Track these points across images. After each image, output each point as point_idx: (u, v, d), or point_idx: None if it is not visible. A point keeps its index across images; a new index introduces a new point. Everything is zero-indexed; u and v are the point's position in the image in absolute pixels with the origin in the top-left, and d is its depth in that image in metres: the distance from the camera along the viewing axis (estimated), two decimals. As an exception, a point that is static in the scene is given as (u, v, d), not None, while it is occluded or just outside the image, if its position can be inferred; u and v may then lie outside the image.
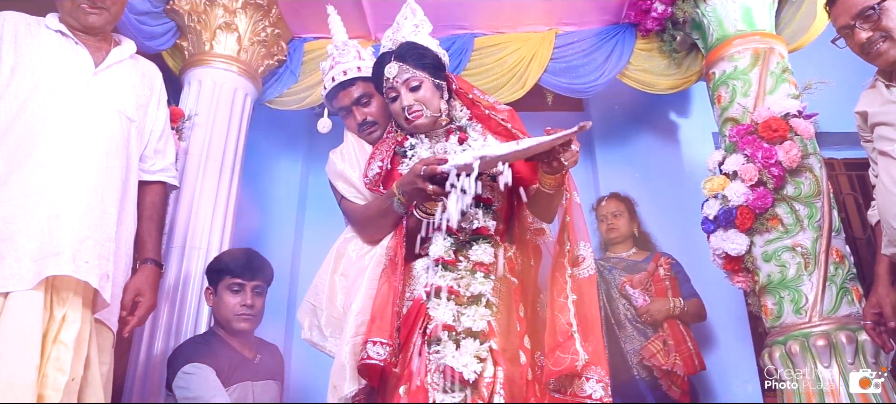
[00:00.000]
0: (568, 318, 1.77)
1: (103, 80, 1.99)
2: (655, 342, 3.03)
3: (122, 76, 2.05)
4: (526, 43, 3.56)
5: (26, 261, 1.66)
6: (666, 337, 3.06)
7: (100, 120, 1.91)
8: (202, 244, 2.95)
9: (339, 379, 1.73)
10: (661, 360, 2.97)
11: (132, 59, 2.13)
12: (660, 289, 3.20)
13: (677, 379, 2.97)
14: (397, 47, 1.99)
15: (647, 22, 3.44)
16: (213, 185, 3.08)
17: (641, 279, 3.21)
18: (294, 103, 3.60)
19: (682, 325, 3.13)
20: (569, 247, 1.87)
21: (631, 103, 4.00)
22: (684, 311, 3.13)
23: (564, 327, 1.76)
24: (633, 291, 3.16)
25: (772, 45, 2.96)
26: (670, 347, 3.02)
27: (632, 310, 3.16)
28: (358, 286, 1.87)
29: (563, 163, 1.74)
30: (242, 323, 2.41)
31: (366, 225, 2.00)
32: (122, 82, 2.04)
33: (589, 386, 1.73)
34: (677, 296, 3.16)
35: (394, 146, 2.04)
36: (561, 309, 1.80)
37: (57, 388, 1.63)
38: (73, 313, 1.71)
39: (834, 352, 2.43)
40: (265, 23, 3.41)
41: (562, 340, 1.75)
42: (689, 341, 3.09)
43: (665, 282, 3.22)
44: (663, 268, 3.26)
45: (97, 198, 1.83)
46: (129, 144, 2.01)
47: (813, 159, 2.70)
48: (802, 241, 2.60)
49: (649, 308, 3.11)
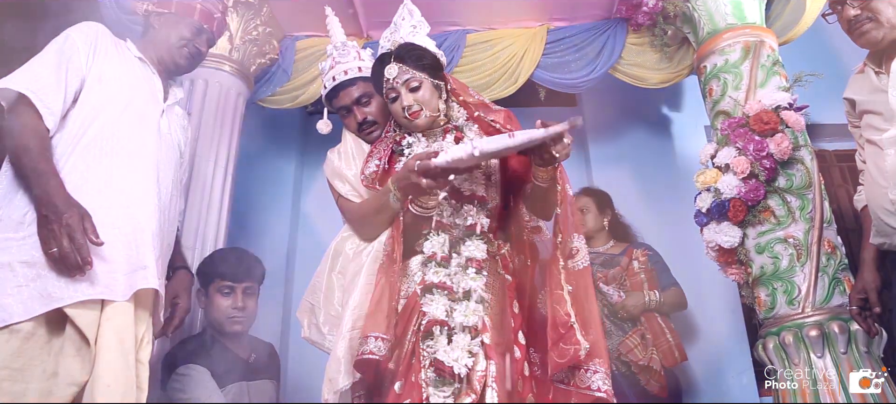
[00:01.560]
0: (566, 309, 1.78)
1: (169, 114, 2.07)
2: (633, 337, 3.01)
3: (178, 115, 2.15)
4: (518, 39, 3.57)
5: (119, 274, 1.68)
6: (644, 331, 3.04)
7: (169, 149, 2.01)
8: (197, 244, 2.94)
9: (334, 372, 1.75)
10: (639, 355, 2.95)
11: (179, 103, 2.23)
12: (635, 283, 3.17)
13: (654, 374, 2.95)
14: (396, 48, 2.00)
15: (639, 16, 3.45)
16: (206, 185, 3.08)
17: (615, 274, 3.18)
18: (287, 101, 3.61)
19: (661, 318, 3.10)
20: (561, 239, 1.88)
21: (623, 98, 4.01)
22: (661, 303, 3.10)
23: (563, 318, 1.77)
24: (607, 287, 3.14)
25: (762, 38, 2.98)
26: (648, 341, 3.00)
27: (608, 306, 3.13)
28: (355, 282, 1.88)
29: (554, 156, 1.75)
30: (234, 326, 2.41)
31: (363, 222, 2.01)
32: (177, 121, 2.13)
33: (589, 377, 1.75)
34: (653, 289, 3.13)
35: (391, 145, 2.06)
36: (558, 301, 1.81)
37: None
38: (149, 334, 1.78)
39: (827, 342, 2.46)
40: (257, 21, 3.40)
41: (563, 331, 1.76)
42: (669, 333, 3.06)
43: (640, 275, 3.19)
44: (638, 262, 3.23)
45: (166, 220, 1.91)
46: (182, 179, 2.15)
47: (804, 151, 2.72)
48: (795, 233, 2.62)
49: (625, 303, 3.08)
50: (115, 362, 1.59)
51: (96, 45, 1.92)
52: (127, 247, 1.71)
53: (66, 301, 1.58)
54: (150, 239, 1.77)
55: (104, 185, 1.75)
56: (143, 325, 1.75)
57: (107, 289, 1.63)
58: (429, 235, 1.87)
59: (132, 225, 1.75)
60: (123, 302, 1.66)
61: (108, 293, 1.63)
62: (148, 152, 1.89)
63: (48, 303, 1.57)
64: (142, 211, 1.79)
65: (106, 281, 1.64)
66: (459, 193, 1.92)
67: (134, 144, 1.86)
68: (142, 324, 1.75)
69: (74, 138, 1.78)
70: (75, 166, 1.74)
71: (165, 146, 1.98)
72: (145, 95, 1.98)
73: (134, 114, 1.90)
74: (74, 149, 1.77)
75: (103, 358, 1.58)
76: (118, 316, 1.64)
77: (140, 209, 1.79)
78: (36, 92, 1.73)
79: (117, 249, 1.69)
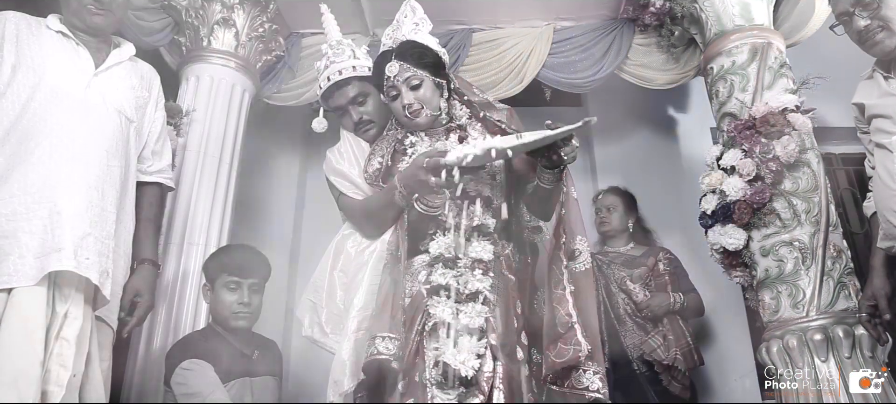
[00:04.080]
0: (567, 310, 1.78)
1: (103, 80, 2.01)
2: (655, 337, 3.04)
3: (121, 77, 2.08)
4: (524, 38, 3.56)
5: (29, 257, 1.68)
6: (666, 332, 3.06)
7: (100, 119, 1.94)
8: (200, 240, 2.94)
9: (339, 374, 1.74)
10: (662, 355, 2.97)
11: (131, 61, 2.16)
12: (660, 284, 3.20)
13: (677, 374, 2.98)
14: (398, 46, 1.99)
15: (645, 17, 3.43)
16: (211, 181, 3.08)
17: (641, 273, 3.20)
18: (292, 99, 3.61)
19: (681, 320, 3.13)
20: (564, 240, 1.88)
21: (629, 98, 4.00)
22: (684, 307, 3.13)
23: (564, 319, 1.77)
24: (634, 286, 3.15)
25: (770, 39, 2.96)
26: (670, 342, 3.02)
27: (631, 305, 3.15)
28: (358, 282, 1.88)
29: (562, 158, 1.74)
30: (239, 322, 2.40)
31: (367, 219, 2.01)
32: (121, 83, 2.06)
33: (586, 378, 1.74)
34: (677, 292, 3.16)
35: (393, 143, 2.05)
36: (559, 301, 1.81)
37: (60, 384, 1.65)
38: (75, 309, 1.73)
39: (831, 347, 2.43)
40: (263, 18, 3.40)
41: (563, 331, 1.76)
42: (689, 336, 3.09)
43: (665, 277, 3.22)
44: (663, 263, 3.26)
45: (97, 195, 1.85)
46: (129, 144, 2.04)
47: (811, 154, 2.70)
48: (800, 236, 2.60)
49: (650, 303, 3.10)
50: (12, 343, 1.60)
51: (3, 36, 1.92)
52: (42, 232, 1.71)
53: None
54: (68, 220, 1.74)
55: (24, 173, 1.76)
56: (67, 303, 1.73)
57: (10, 278, 1.65)
58: (435, 235, 1.86)
59: (48, 207, 1.74)
60: (32, 286, 1.66)
61: (12, 280, 1.65)
62: (69, 129, 1.86)
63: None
64: (60, 191, 1.77)
65: (11, 269, 1.66)
66: (465, 193, 1.91)
67: (52, 123, 1.84)
68: (65, 302, 1.72)
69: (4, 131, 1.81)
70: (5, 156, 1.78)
71: (94, 116, 1.93)
72: (62, 70, 1.94)
73: (48, 93, 1.88)
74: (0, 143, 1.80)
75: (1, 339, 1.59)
76: (24, 299, 1.65)
77: (59, 190, 1.77)
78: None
79: (29, 235, 1.70)
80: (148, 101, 2.17)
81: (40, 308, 1.66)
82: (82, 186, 1.81)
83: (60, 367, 1.66)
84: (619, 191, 3.52)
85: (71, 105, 1.89)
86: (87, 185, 1.83)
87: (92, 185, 1.84)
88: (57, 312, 1.71)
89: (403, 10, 2.09)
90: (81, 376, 1.71)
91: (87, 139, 1.88)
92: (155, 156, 2.21)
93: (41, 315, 1.66)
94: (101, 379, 1.82)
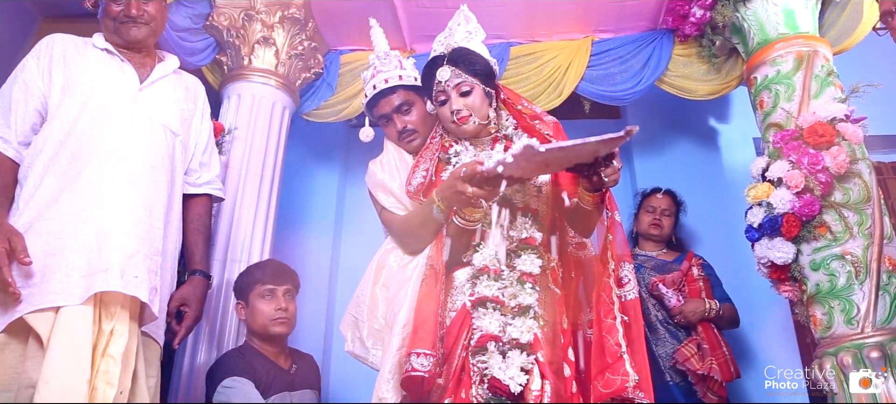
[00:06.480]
0: (617, 339, 1.74)
1: (148, 95, 2.05)
2: (689, 345, 2.92)
3: (166, 91, 2.11)
4: (562, 51, 3.54)
5: (75, 276, 1.71)
6: (700, 340, 2.95)
7: (146, 135, 1.97)
8: (243, 256, 2.97)
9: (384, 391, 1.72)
10: (696, 364, 2.85)
11: (176, 74, 2.19)
12: (693, 290, 3.10)
13: (714, 385, 2.85)
14: (450, 52, 1.99)
15: (686, 27, 3.38)
16: (252, 198, 3.11)
17: (674, 278, 3.11)
18: (331, 115, 3.64)
19: (716, 329, 3.02)
20: (613, 267, 1.84)
21: (669, 109, 3.95)
22: (719, 315, 3.02)
23: (613, 348, 1.73)
24: (667, 291, 3.05)
25: (816, 47, 2.89)
26: (705, 351, 2.90)
27: (663, 312, 3.06)
28: (402, 298, 1.85)
29: (603, 181, 1.71)
30: (279, 327, 2.42)
31: (407, 235, 1.99)
32: (166, 97, 2.09)
33: None
34: (711, 299, 3.06)
35: (437, 152, 2.03)
36: (609, 330, 1.77)
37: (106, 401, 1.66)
38: (121, 327, 1.75)
39: (889, 363, 2.35)
40: (302, 36, 3.44)
41: (611, 361, 1.72)
42: (724, 346, 2.97)
43: (699, 283, 3.13)
44: (696, 269, 3.17)
45: (145, 213, 1.87)
46: (174, 158, 2.07)
47: (862, 164, 2.62)
48: (852, 249, 2.52)
49: (683, 308, 3.01)
50: (60, 360, 1.61)
51: (51, 59, 1.97)
52: (89, 251, 1.74)
53: (20, 312, 1.66)
54: (115, 239, 1.77)
55: (74, 194, 1.79)
56: (113, 320, 1.74)
57: (57, 296, 1.68)
58: (479, 247, 1.84)
59: (96, 227, 1.77)
60: (79, 305, 1.68)
61: (59, 299, 1.68)
62: (115, 147, 1.89)
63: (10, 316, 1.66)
64: (107, 210, 1.80)
65: (58, 288, 1.68)
66: (512, 205, 1.89)
67: (98, 142, 1.87)
68: (111, 319, 1.74)
69: (50, 153, 1.85)
70: (51, 181, 1.82)
71: (139, 131, 1.95)
72: (108, 88, 1.98)
73: (95, 111, 1.92)
74: (52, 162, 1.84)
75: (49, 357, 1.61)
76: (72, 317, 1.67)
77: (106, 209, 1.80)
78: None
79: (76, 253, 1.73)
80: (193, 113, 2.21)
81: (87, 326, 1.69)
82: (129, 204, 1.84)
83: (106, 384, 1.68)
84: (674, 197, 3.47)
85: (117, 123, 1.93)
86: (133, 203, 1.85)
87: (139, 202, 1.87)
88: (103, 329, 1.73)
89: (456, 18, 2.10)
90: (127, 393, 1.73)
91: (133, 156, 1.91)
92: (203, 167, 2.24)
93: (88, 333, 1.68)
94: (149, 396, 1.84)
